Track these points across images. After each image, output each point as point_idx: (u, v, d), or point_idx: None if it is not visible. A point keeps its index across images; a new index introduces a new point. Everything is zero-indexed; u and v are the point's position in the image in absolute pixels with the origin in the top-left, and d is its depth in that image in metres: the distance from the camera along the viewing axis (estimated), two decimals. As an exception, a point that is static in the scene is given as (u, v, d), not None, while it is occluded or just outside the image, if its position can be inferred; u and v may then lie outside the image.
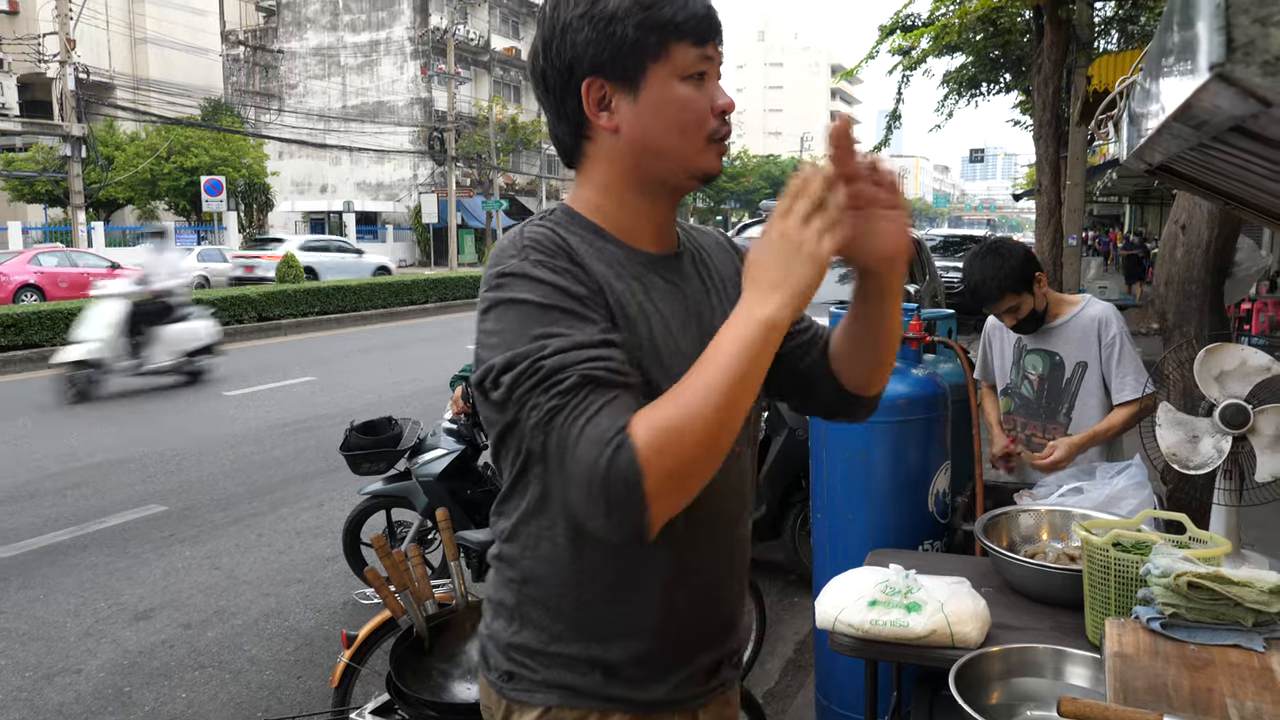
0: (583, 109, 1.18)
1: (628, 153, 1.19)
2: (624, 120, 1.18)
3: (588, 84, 1.16)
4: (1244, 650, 1.59)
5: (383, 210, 40.77)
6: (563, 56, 1.16)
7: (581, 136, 1.22)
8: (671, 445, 1.02)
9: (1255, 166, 1.11)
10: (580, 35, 1.15)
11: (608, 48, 1.14)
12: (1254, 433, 2.05)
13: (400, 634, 2.25)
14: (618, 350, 1.10)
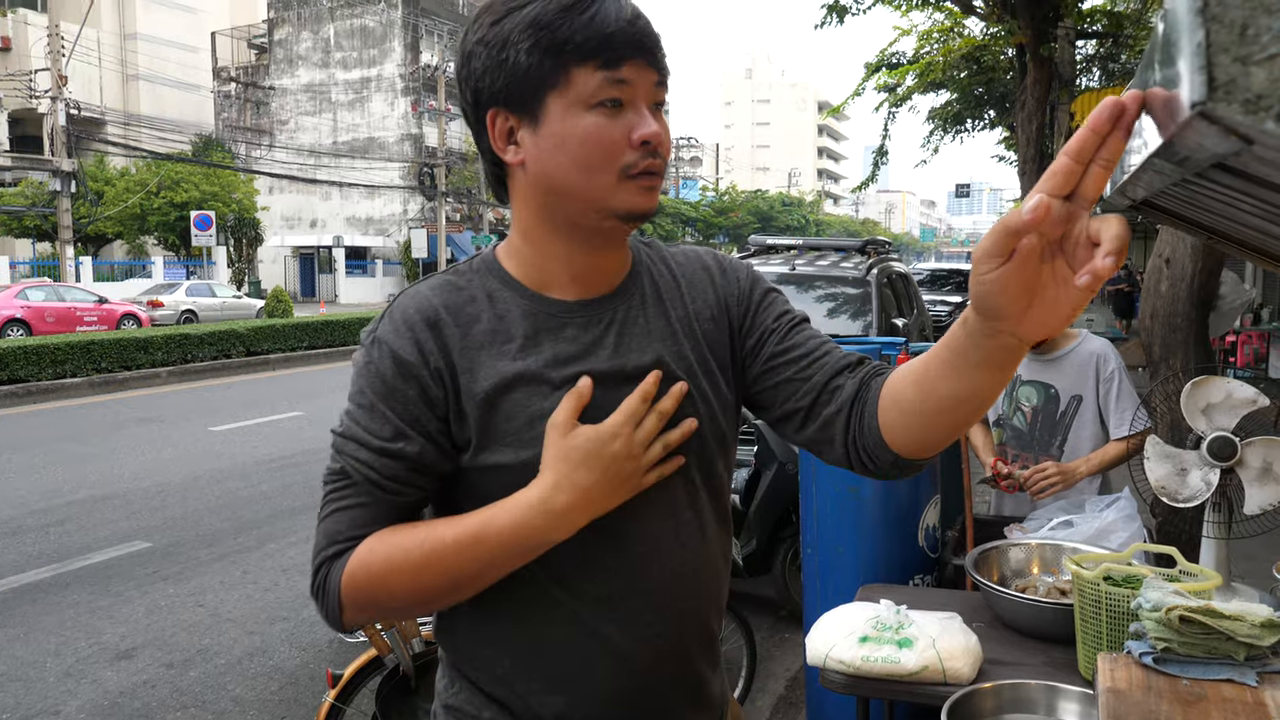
0: (492, 143, 1.10)
1: (535, 190, 1.10)
2: (528, 154, 1.08)
3: (491, 115, 1.08)
4: (1237, 685, 1.58)
5: (372, 245, 40.83)
6: (469, 85, 1.09)
7: (500, 173, 1.14)
8: (369, 589, 1.05)
9: (1238, 202, 1.12)
10: (479, 62, 1.07)
11: (502, 75, 1.05)
12: (1241, 465, 2.05)
13: (386, 673, 2.22)
14: (397, 463, 1.07)
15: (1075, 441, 2.88)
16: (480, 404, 1.08)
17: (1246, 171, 0.83)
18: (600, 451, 1.05)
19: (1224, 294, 3.38)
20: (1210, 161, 0.69)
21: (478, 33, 1.07)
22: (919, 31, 16.42)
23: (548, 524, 1.04)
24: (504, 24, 1.04)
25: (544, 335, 1.12)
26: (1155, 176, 0.99)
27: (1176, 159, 0.77)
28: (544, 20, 1.02)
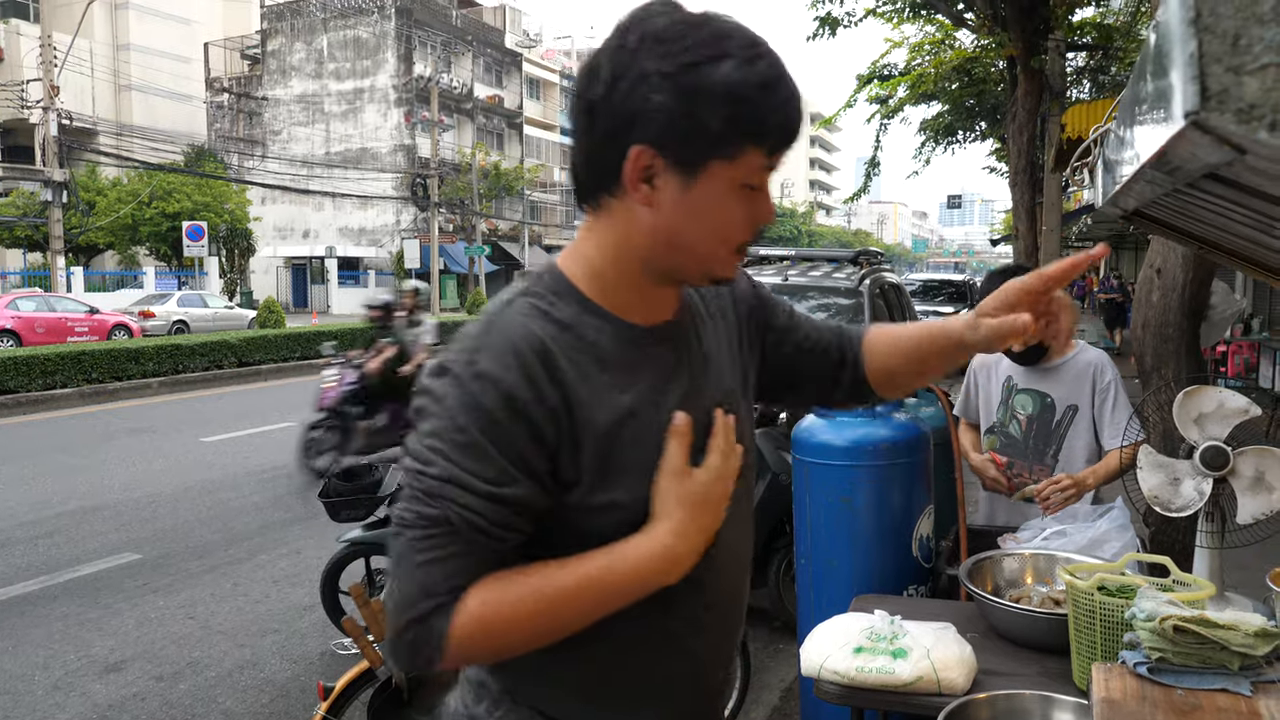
0: (621, 169, 1.02)
1: (651, 233, 1.06)
2: (663, 203, 1.03)
3: (638, 152, 1.00)
4: (1231, 695, 1.58)
5: (365, 255, 40.81)
6: (626, 106, 0.99)
7: (606, 188, 1.06)
8: (487, 640, 1.02)
9: (1229, 212, 1.13)
10: (656, 96, 0.97)
11: (682, 126, 0.98)
12: (1234, 474, 2.06)
13: (378, 685, 2.20)
14: (504, 508, 1.01)
15: (1069, 451, 2.88)
16: (600, 439, 1.05)
17: (1238, 181, 0.84)
18: (710, 495, 1.08)
19: (1215, 304, 3.40)
20: (1203, 171, 0.69)
21: (665, 63, 0.97)
22: (910, 43, 16.54)
23: (671, 570, 1.06)
24: (699, 75, 0.97)
25: (637, 363, 1.11)
26: (1147, 187, 1.00)
27: (1169, 169, 0.78)
28: (744, 95, 0.98)
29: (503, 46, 47.02)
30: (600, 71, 1.01)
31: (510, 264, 44.55)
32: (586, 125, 1.04)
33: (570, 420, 1.03)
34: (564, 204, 51.64)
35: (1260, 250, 1.35)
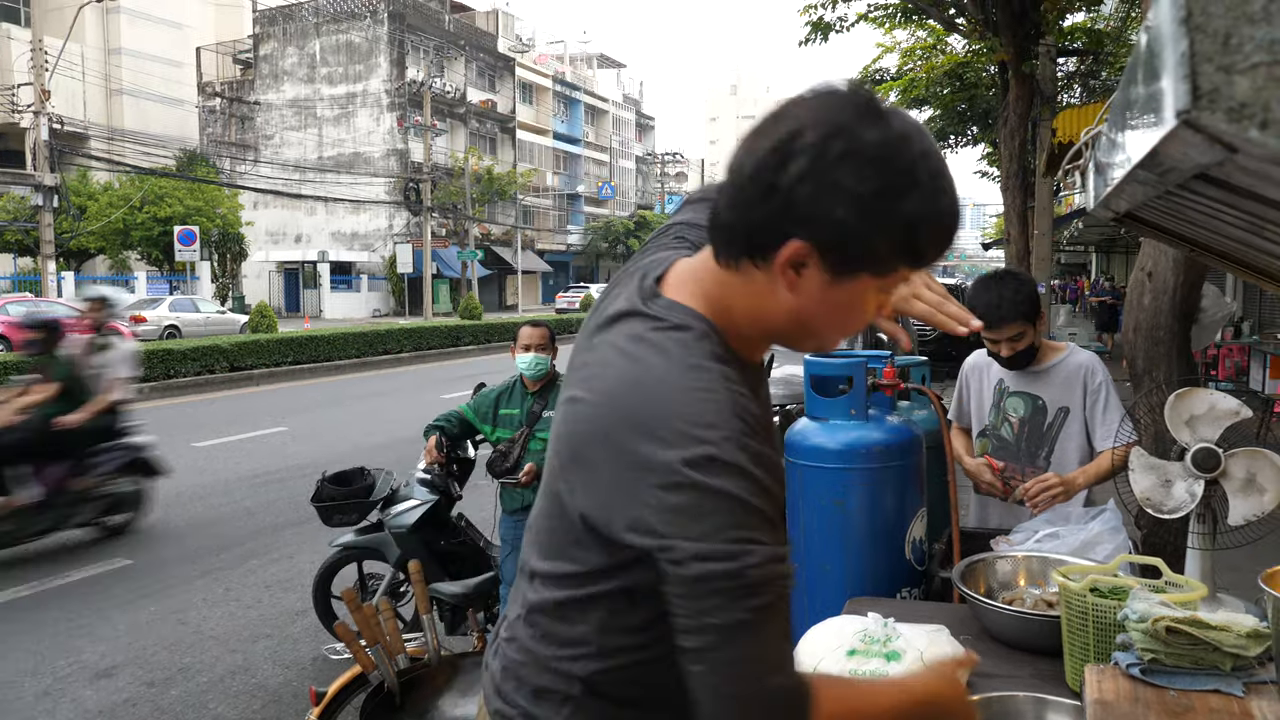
0: (777, 250, 1.03)
1: (786, 312, 1.09)
2: (803, 291, 1.06)
3: (798, 246, 1.02)
4: (1224, 695, 1.58)
5: (357, 260, 40.76)
6: (806, 206, 0.99)
7: (754, 258, 1.07)
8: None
9: (1221, 214, 1.13)
10: (839, 211, 0.99)
11: (851, 243, 1.01)
12: (1225, 476, 2.06)
13: (370, 690, 2.20)
14: (789, 560, 1.07)
15: (1061, 453, 2.88)
16: None
17: (1230, 182, 0.84)
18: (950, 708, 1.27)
19: (1205, 307, 3.41)
20: (1194, 171, 0.69)
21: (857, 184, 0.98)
22: (902, 49, 16.60)
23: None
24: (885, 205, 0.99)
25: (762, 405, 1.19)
26: (1139, 188, 1.00)
27: (1160, 170, 0.78)
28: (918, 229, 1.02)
29: (495, 51, 47.06)
30: (792, 162, 0.99)
31: (503, 268, 44.52)
32: (759, 198, 1.03)
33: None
34: (556, 208, 51.68)
35: (1251, 252, 1.35)
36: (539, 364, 4.04)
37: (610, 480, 1.08)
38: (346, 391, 15.37)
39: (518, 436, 4.05)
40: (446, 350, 22.35)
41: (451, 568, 4.36)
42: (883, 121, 1.00)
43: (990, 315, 2.79)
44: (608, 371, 1.13)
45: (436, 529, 4.44)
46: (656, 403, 1.05)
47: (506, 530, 4.15)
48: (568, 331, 29.51)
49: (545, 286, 49.06)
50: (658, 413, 1.04)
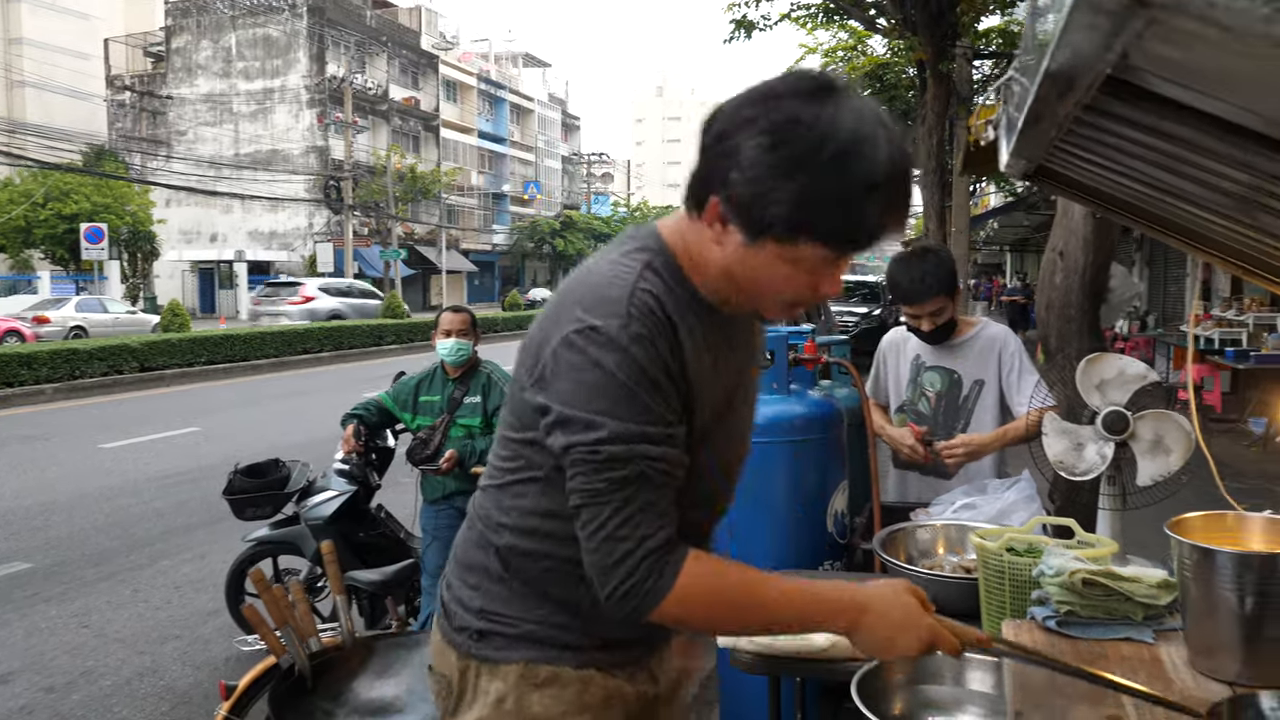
0: (705, 207, 1.16)
1: (718, 265, 1.20)
2: (729, 249, 1.17)
3: (714, 201, 1.14)
4: (1135, 643, 1.61)
5: (276, 260, 39.74)
6: (712, 162, 1.13)
7: (697, 210, 1.19)
8: (700, 610, 1.18)
9: (1131, 155, 1.14)
10: (733, 171, 1.10)
11: (753, 205, 1.10)
12: (1134, 438, 2.11)
13: (280, 674, 2.11)
14: (676, 448, 1.17)
15: (978, 425, 2.93)
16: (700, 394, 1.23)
17: (1144, 88, 0.84)
18: (916, 635, 1.24)
19: (1114, 286, 3.52)
20: (1098, 71, 0.68)
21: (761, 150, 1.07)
22: (824, 49, 16.84)
23: (849, 627, 1.24)
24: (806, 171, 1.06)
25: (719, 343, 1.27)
26: (1046, 111, 1.00)
27: (1067, 73, 0.77)
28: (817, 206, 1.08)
29: (419, 48, 46.39)
30: (715, 122, 1.13)
31: (427, 268, 43.90)
32: (699, 156, 1.16)
33: (688, 383, 1.20)
34: (482, 208, 51.19)
35: (1155, 200, 1.38)
36: (460, 350, 3.97)
37: (538, 343, 1.21)
38: (263, 391, 14.95)
39: (438, 424, 3.96)
40: (368, 350, 21.90)
41: (370, 560, 4.24)
42: (811, 101, 1.07)
43: (913, 290, 2.82)
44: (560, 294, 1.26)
45: (355, 520, 4.32)
46: (579, 285, 1.21)
47: (428, 520, 4.06)
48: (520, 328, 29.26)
49: (470, 286, 48.47)
50: (575, 291, 1.20)
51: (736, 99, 1.11)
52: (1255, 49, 0.55)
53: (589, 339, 1.13)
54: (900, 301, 2.91)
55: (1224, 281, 12.42)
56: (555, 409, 1.15)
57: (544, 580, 1.30)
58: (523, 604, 1.31)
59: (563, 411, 1.14)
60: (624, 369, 1.12)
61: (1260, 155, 0.94)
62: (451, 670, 1.34)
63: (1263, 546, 1.54)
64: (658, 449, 1.14)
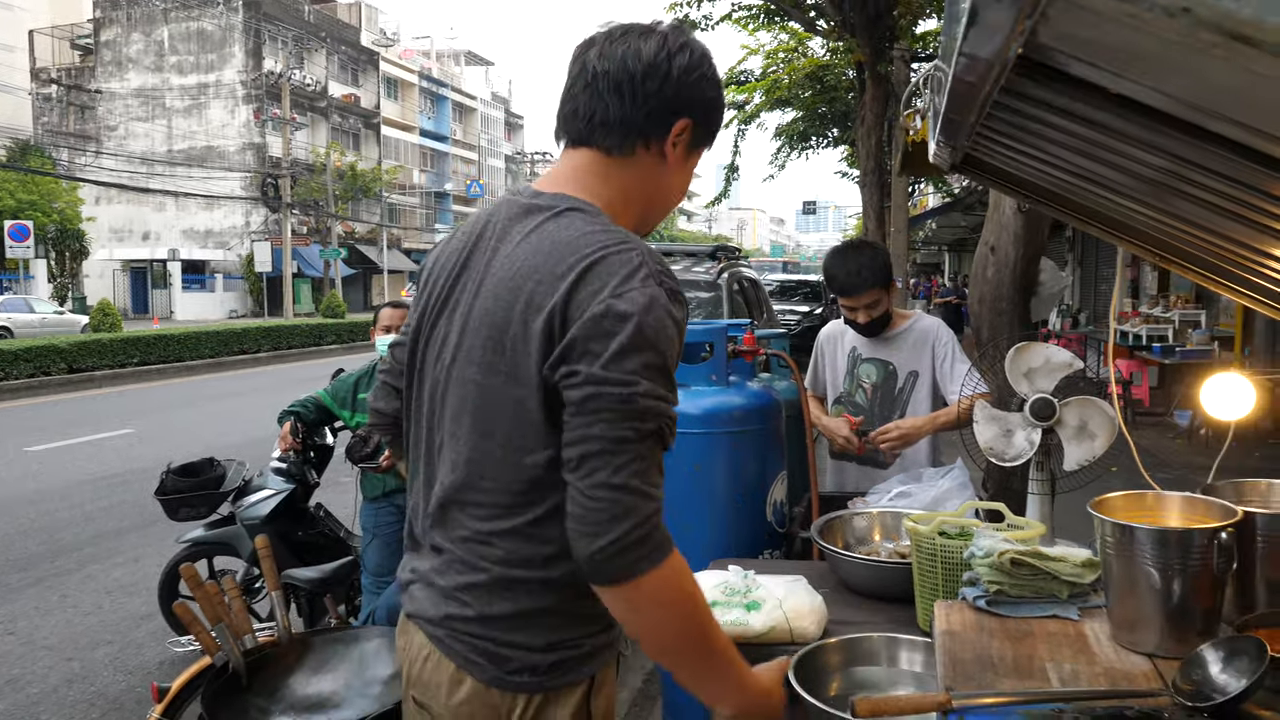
0: (668, 131, 1.32)
1: (659, 186, 1.38)
2: (676, 163, 1.37)
3: (685, 122, 1.33)
4: (1061, 620, 1.66)
5: (212, 259, 38.84)
6: (690, 90, 1.32)
7: (646, 141, 1.33)
8: (669, 601, 1.21)
9: (1052, 137, 1.18)
10: (711, 93, 1.36)
11: (714, 117, 1.38)
12: (1060, 424, 2.17)
13: (214, 671, 2.06)
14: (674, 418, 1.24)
15: (913, 416, 2.99)
16: None
17: (1066, 72, 0.87)
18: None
19: (1044, 280, 3.62)
20: (1012, 27, 0.70)
21: (713, 76, 1.36)
22: (765, 50, 17.00)
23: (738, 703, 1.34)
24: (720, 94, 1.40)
25: None
26: (967, 91, 1.03)
27: (983, 45, 0.79)
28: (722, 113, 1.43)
29: (358, 44, 45.71)
30: (674, 62, 1.30)
31: (368, 267, 43.29)
32: (654, 92, 1.30)
33: None
34: (423, 207, 50.63)
35: (1081, 189, 1.42)
36: (400, 345, 3.92)
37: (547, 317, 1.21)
38: (199, 392, 14.62)
39: (378, 420, 3.91)
40: (308, 350, 21.54)
41: (309, 560, 4.17)
42: (658, 31, 1.33)
43: (850, 283, 2.87)
44: (517, 255, 1.26)
45: (293, 519, 4.25)
46: (572, 250, 1.22)
47: (368, 518, 4.01)
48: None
49: (412, 287, 47.94)
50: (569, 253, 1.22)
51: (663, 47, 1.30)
52: (1153, 27, 0.57)
53: (643, 307, 1.18)
54: (837, 293, 2.95)
55: (1151, 279, 12.81)
56: (586, 371, 1.16)
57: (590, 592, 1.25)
58: (585, 623, 1.31)
59: (595, 373, 1.16)
60: (664, 340, 1.19)
61: (1173, 138, 0.97)
62: (500, 713, 1.29)
63: (1180, 523, 1.60)
64: (672, 412, 1.21)
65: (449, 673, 1.31)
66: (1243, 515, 1.52)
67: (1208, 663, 1.35)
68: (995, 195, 3.63)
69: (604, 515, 1.15)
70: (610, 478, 1.15)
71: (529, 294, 1.22)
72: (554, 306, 1.19)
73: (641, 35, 1.30)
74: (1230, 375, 2.19)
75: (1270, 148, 0.87)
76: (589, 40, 1.35)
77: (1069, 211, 1.76)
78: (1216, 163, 1.00)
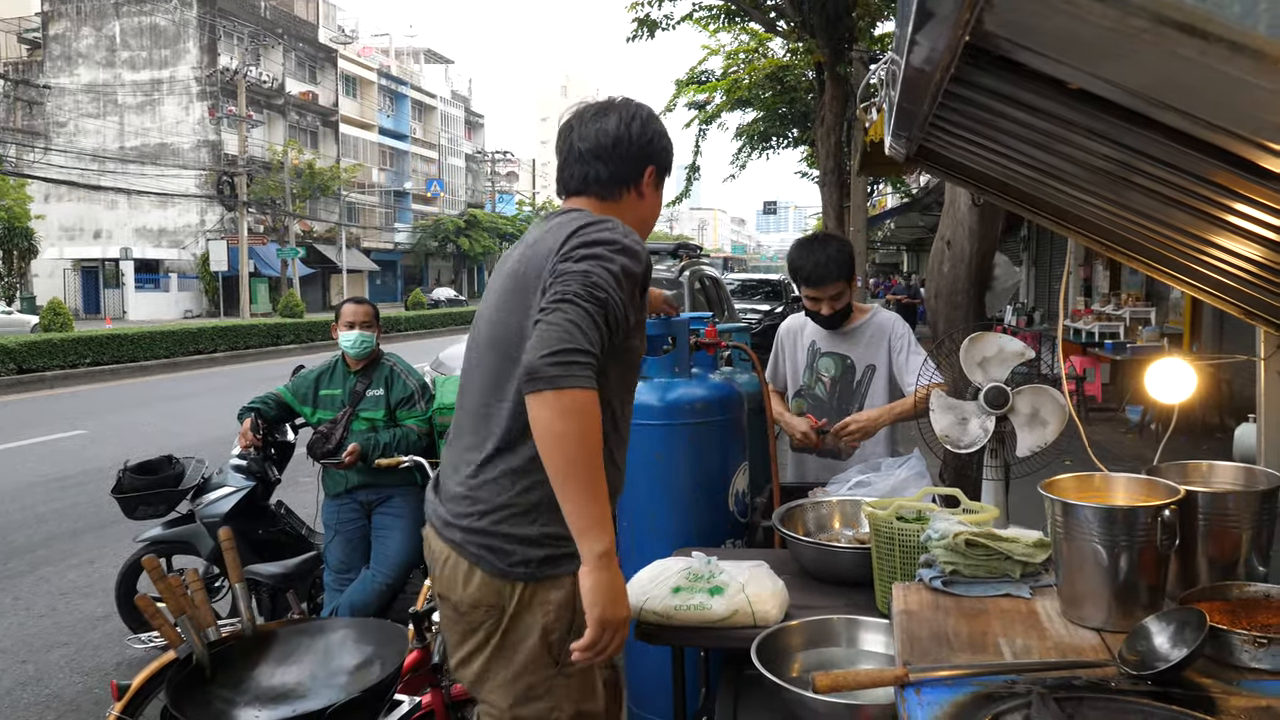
0: (642, 176, 1.88)
1: (637, 217, 1.89)
2: (648, 198, 1.92)
3: (653, 169, 1.90)
4: (1013, 598, 1.71)
5: (166, 258, 38.16)
6: (651, 145, 1.87)
7: (629, 186, 1.87)
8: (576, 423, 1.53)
9: (1003, 127, 1.22)
10: (661, 144, 1.90)
11: (667, 161, 1.93)
12: (1013, 412, 2.23)
13: (178, 663, 2.05)
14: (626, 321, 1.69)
15: (871, 409, 3.04)
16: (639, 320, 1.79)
17: (1015, 60, 0.91)
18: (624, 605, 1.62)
19: (998, 275, 3.70)
20: (959, 13, 0.73)
21: (663, 133, 1.92)
22: (726, 51, 17.08)
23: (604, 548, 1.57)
24: (668, 142, 1.94)
25: None
26: (920, 77, 1.06)
27: (932, 39, 0.83)
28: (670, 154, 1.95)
29: (316, 41, 45.19)
30: (640, 129, 1.86)
31: (327, 267, 42.82)
32: (628, 152, 1.85)
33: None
34: (383, 206, 50.17)
35: (1034, 181, 1.47)
36: (364, 341, 3.91)
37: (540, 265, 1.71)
38: (154, 393, 14.38)
39: (340, 417, 3.90)
40: (265, 350, 21.26)
41: (270, 558, 4.14)
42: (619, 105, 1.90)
43: (816, 274, 2.93)
44: (537, 240, 1.78)
45: (253, 517, 4.21)
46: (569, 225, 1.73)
47: (330, 515, 3.99)
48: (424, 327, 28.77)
49: (372, 286, 47.40)
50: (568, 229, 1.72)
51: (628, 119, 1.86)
52: (1088, 13, 0.61)
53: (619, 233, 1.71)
54: (802, 284, 3.01)
55: (1103, 278, 13.09)
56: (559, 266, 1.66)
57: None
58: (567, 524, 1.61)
59: (564, 265, 1.65)
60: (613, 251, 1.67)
61: (1119, 127, 1.02)
62: (505, 599, 1.68)
63: (1126, 502, 1.66)
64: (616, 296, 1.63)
65: (462, 569, 1.70)
66: (1185, 494, 1.59)
67: (1152, 634, 1.41)
68: (951, 192, 3.71)
69: (550, 336, 1.55)
70: (561, 319, 1.57)
71: (546, 248, 1.71)
72: (551, 248, 1.70)
73: (602, 114, 1.87)
74: (1173, 360, 2.27)
75: (1210, 135, 0.92)
76: (568, 125, 1.89)
77: (1021, 203, 1.82)
78: (1161, 151, 1.05)
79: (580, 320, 1.56)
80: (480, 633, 1.71)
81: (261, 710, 2.00)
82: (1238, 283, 1.64)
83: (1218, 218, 1.23)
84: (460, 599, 1.71)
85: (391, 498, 3.92)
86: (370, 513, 3.96)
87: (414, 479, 3.87)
